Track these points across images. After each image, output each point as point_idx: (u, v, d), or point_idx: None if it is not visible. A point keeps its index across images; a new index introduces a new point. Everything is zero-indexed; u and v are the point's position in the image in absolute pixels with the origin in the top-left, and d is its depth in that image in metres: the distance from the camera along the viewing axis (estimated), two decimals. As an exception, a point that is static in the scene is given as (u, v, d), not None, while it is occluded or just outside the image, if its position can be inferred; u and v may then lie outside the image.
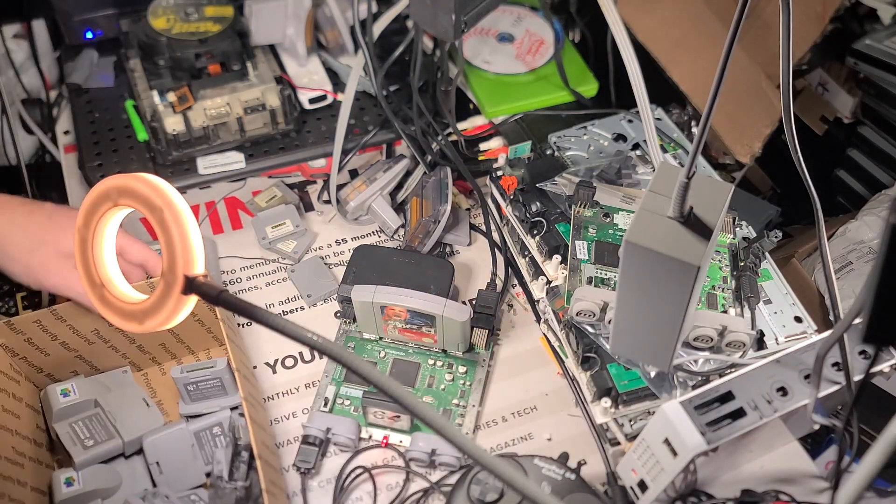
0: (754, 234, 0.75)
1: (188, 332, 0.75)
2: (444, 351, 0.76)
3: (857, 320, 0.49)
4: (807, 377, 0.60)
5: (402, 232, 0.87)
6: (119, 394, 0.73)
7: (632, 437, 0.66)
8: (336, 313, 0.80)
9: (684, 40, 0.94)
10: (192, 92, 0.86)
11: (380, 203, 0.86)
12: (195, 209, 0.88)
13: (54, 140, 0.97)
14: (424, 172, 0.89)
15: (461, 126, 0.93)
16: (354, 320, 0.75)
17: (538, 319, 0.80)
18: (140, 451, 0.71)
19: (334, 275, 0.83)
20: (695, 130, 0.91)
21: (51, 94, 1.00)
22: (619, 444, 0.68)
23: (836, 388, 0.59)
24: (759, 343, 0.69)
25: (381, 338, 0.77)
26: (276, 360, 0.78)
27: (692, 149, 0.46)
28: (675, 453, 0.57)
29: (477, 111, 0.95)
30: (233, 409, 0.73)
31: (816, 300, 0.85)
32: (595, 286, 0.69)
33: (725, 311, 0.68)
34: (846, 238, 0.90)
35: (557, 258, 0.73)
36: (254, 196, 0.89)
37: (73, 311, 0.68)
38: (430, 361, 0.75)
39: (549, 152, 0.86)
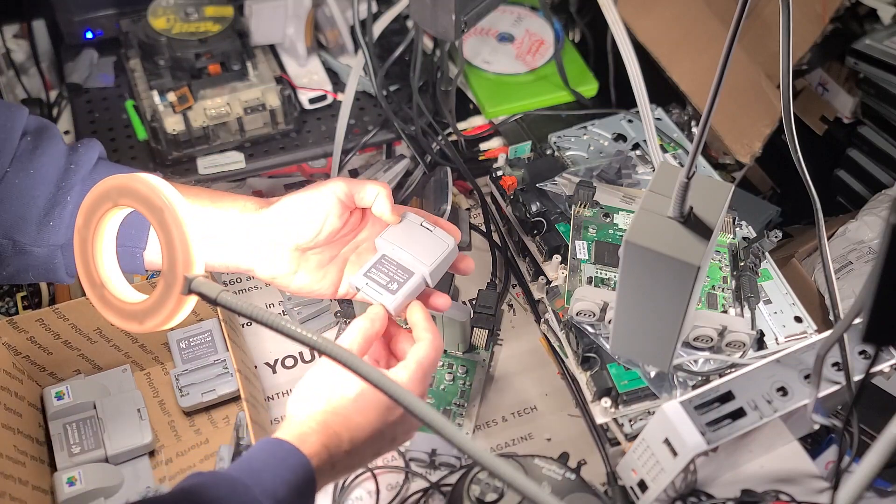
0: (754, 234, 0.75)
1: (188, 331, 0.75)
2: (445, 351, 0.76)
3: (857, 320, 0.49)
4: (807, 377, 0.60)
5: (402, 232, 0.87)
6: (117, 399, 0.72)
7: (632, 437, 0.66)
8: (336, 313, 0.80)
9: (684, 40, 0.94)
10: (192, 92, 0.86)
11: (380, 203, 0.86)
12: (195, 209, 0.88)
13: (54, 140, 0.97)
14: (424, 172, 0.89)
15: (461, 126, 0.93)
16: (354, 320, 0.75)
17: (538, 319, 0.80)
18: (130, 460, 0.71)
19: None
20: (695, 130, 0.91)
21: (51, 94, 1.00)
22: (619, 444, 0.68)
23: (836, 388, 0.59)
24: (759, 343, 0.69)
25: (381, 338, 0.77)
26: (276, 360, 0.78)
27: (692, 149, 0.46)
28: (675, 453, 0.57)
29: (477, 111, 0.95)
30: (235, 399, 0.73)
31: (816, 300, 0.85)
32: (595, 286, 0.69)
33: (725, 311, 0.68)
34: (846, 238, 0.90)
35: (557, 258, 0.73)
36: None
37: (76, 310, 0.68)
38: (431, 361, 0.75)
39: (549, 152, 0.86)
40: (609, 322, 0.66)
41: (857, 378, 0.59)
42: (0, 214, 0.57)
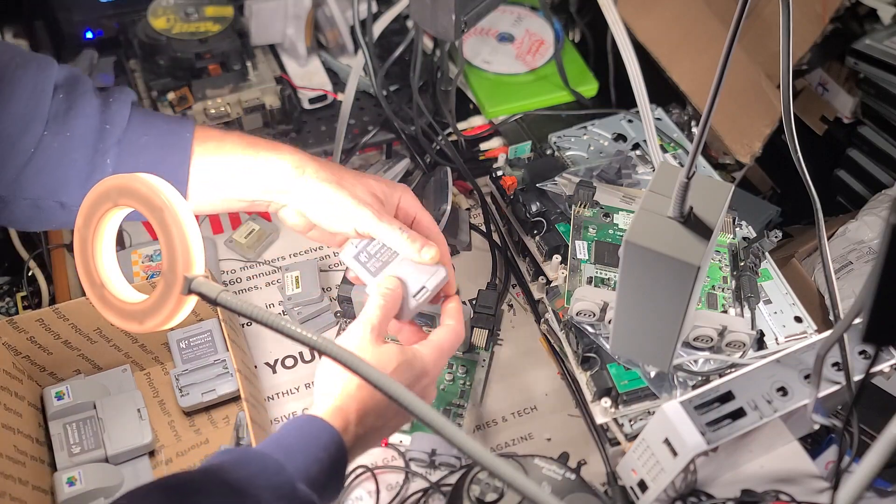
0: (754, 234, 0.75)
1: (188, 331, 0.75)
2: (445, 351, 0.76)
3: (857, 320, 0.49)
4: (807, 377, 0.60)
5: (402, 232, 0.87)
6: (117, 399, 0.72)
7: (632, 437, 0.66)
8: (336, 313, 0.80)
9: (684, 41, 0.94)
10: (192, 92, 0.86)
11: (380, 203, 0.86)
12: (195, 209, 0.88)
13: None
14: (424, 172, 0.89)
15: (461, 126, 0.93)
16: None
17: (538, 319, 0.80)
18: (130, 460, 0.71)
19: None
20: (695, 130, 0.91)
21: (51, 94, 1.00)
22: (619, 444, 0.68)
23: (836, 388, 0.59)
24: (759, 343, 0.69)
25: (381, 338, 0.77)
26: (276, 360, 0.78)
27: (692, 149, 0.46)
28: (675, 453, 0.57)
29: (477, 111, 0.95)
30: (235, 399, 0.73)
31: (816, 300, 0.85)
32: (595, 286, 0.69)
33: (725, 311, 0.68)
34: (846, 238, 0.90)
35: (557, 258, 0.73)
36: (233, 231, 0.86)
37: (76, 310, 0.68)
38: (431, 361, 0.75)
39: (549, 152, 0.86)
40: (609, 322, 0.66)
41: (857, 378, 0.59)
42: (44, 179, 0.58)
